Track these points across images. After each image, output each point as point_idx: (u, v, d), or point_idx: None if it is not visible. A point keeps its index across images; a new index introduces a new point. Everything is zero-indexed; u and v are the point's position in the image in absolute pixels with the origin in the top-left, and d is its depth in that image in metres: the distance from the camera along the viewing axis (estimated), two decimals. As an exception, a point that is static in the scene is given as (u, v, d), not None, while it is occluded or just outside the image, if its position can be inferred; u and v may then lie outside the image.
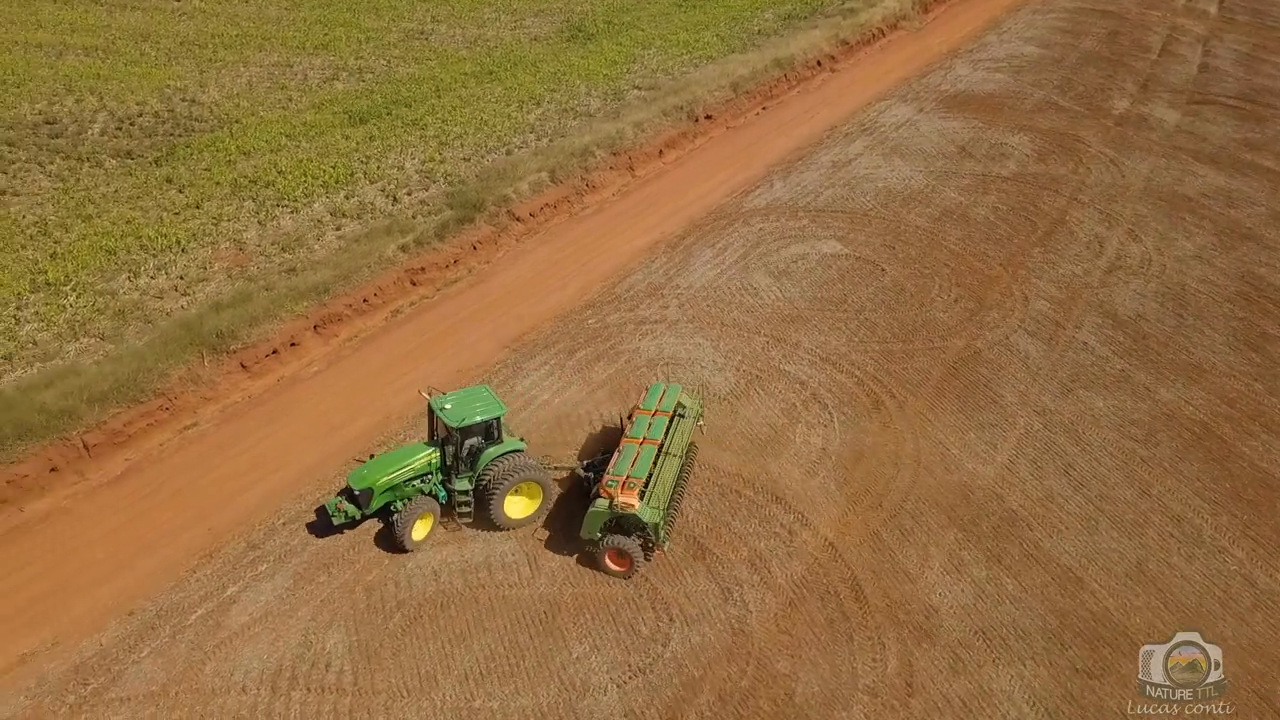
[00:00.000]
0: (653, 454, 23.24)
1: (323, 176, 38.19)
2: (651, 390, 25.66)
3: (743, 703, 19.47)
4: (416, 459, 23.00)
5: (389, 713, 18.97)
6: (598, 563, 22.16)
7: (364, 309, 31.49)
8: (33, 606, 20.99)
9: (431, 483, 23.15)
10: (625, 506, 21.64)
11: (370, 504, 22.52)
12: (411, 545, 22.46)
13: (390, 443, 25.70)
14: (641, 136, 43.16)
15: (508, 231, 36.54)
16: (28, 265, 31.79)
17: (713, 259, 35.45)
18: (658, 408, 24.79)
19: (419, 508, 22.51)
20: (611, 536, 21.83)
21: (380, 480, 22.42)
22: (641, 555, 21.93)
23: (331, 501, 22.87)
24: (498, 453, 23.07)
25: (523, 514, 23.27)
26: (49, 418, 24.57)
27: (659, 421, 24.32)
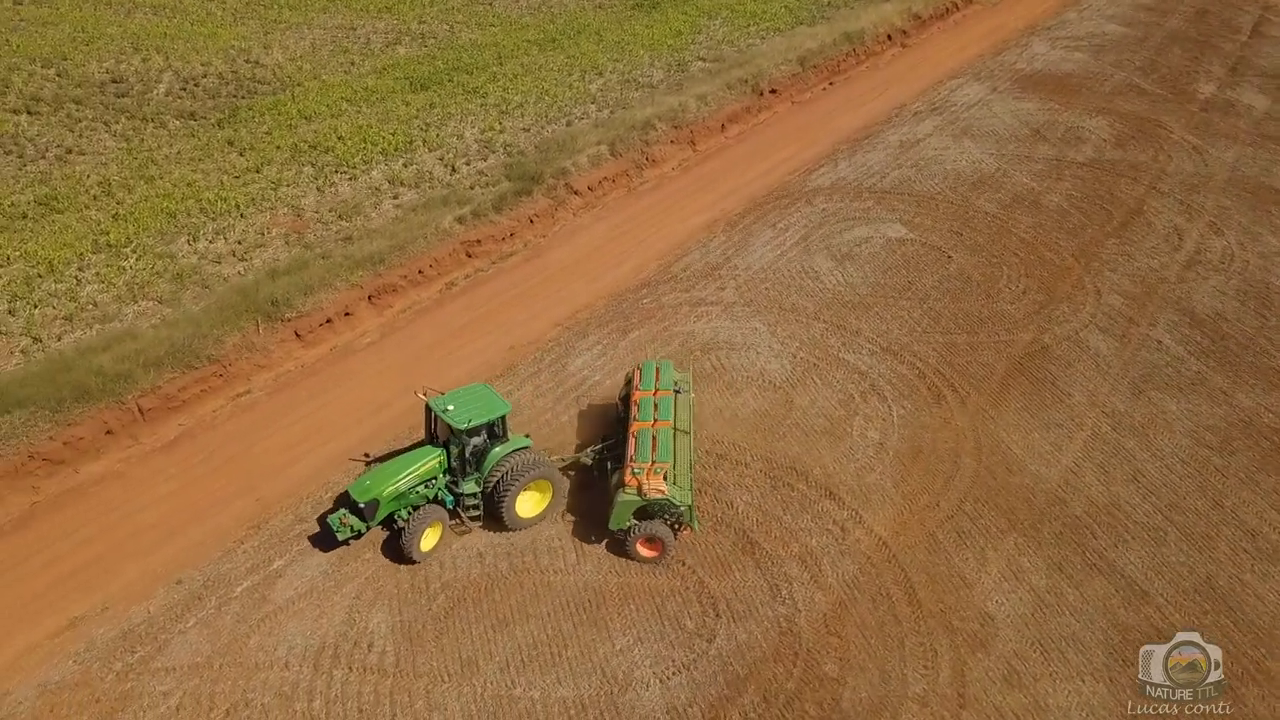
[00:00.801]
0: (671, 436, 22.83)
1: (382, 143, 37.96)
2: (644, 370, 24.91)
3: (788, 705, 19.01)
4: (422, 464, 21.92)
5: (429, 697, 18.84)
6: (628, 552, 21.75)
7: (419, 280, 31.28)
8: (85, 570, 21.22)
9: (437, 487, 22.19)
10: (656, 492, 21.27)
11: (375, 516, 21.43)
12: (419, 557, 21.41)
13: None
14: (704, 110, 42.25)
15: (565, 205, 36.04)
16: (91, 225, 32.08)
17: (773, 240, 34.61)
18: (657, 387, 24.22)
19: (427, 516, 21.43)
20: (641, 524, 21.46)
21: (386, 490, 21.34)
22: (672, 537, 21.60)
23: (334, 516, 21.49)
24: (505, 451, 22.21)
25: (534, 512, 22.47)
26: (105, 381, 24.76)
27: (664, 401, 23.78)
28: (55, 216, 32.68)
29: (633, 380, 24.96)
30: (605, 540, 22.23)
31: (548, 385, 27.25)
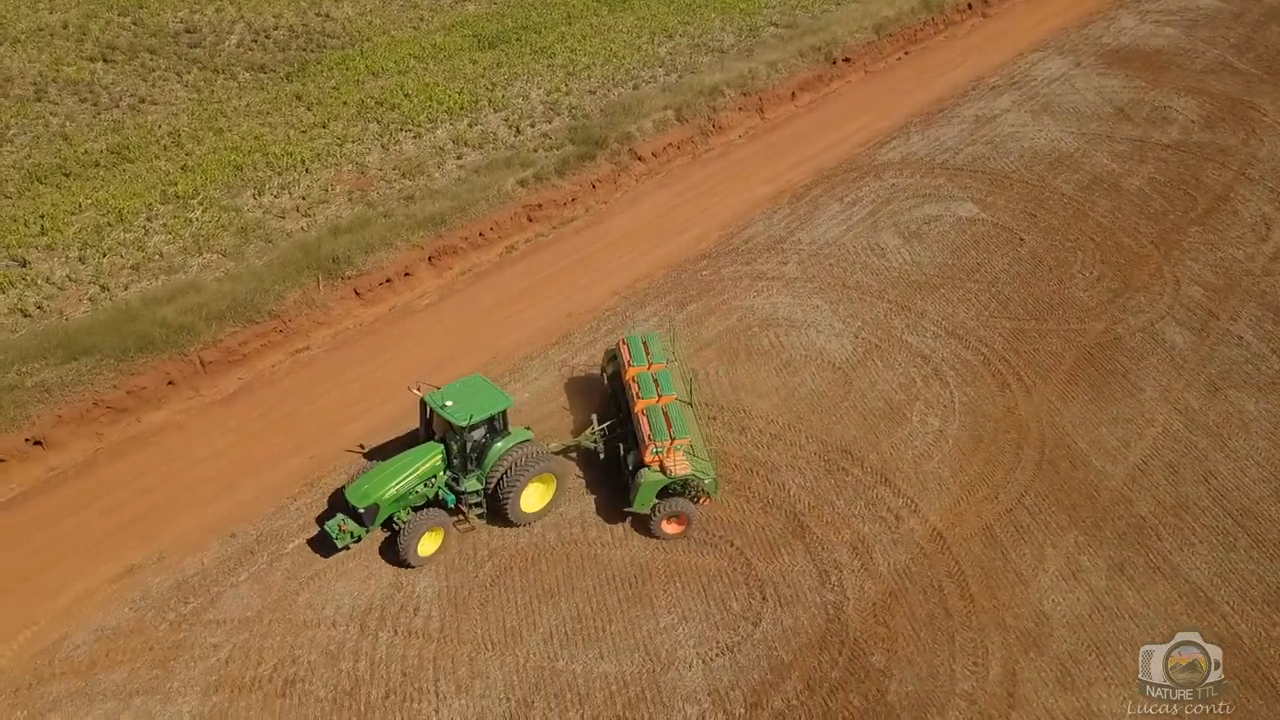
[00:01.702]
0: (681, 410, 22.40)
1: (448, 102, 37.76)
2: (631, 344, 24.11)
3: (831, 694, 18.74)
4: (423, 462, 20.96)
5: (472, 664, 18.93)
6: (651, 531, 21.41)
7: (479, 243, 31.17)
8: (143, 518, 21.65)
9: (437, 485, 21.29)
10: (681, 469, 21.02)
11: (375, 520, 20.62)
12: (417, 562, 20.53)
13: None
14: (775, 77, 41.27)
15: (628, 171, 35.57)
16: (160, 176, 32.47)
17: (839, 214, 33.79)
18: (650, 361, 23.60)
19: (426, 520, 20.48)
20: (664, 502, 21.11)
21: (386, 494, 20.42)
22: (695, 510, 21.36)
23: (332, 523, 20.58)
24: (507, 446, 21.37)
25: (540, 506, 21.74)
26: (169, 332, 25.12)
27: (663, 375, 23.30)
28: (126, 165, 33.14)
29: (619, 357, 24.14)
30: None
31: (601, 355, 26.95)
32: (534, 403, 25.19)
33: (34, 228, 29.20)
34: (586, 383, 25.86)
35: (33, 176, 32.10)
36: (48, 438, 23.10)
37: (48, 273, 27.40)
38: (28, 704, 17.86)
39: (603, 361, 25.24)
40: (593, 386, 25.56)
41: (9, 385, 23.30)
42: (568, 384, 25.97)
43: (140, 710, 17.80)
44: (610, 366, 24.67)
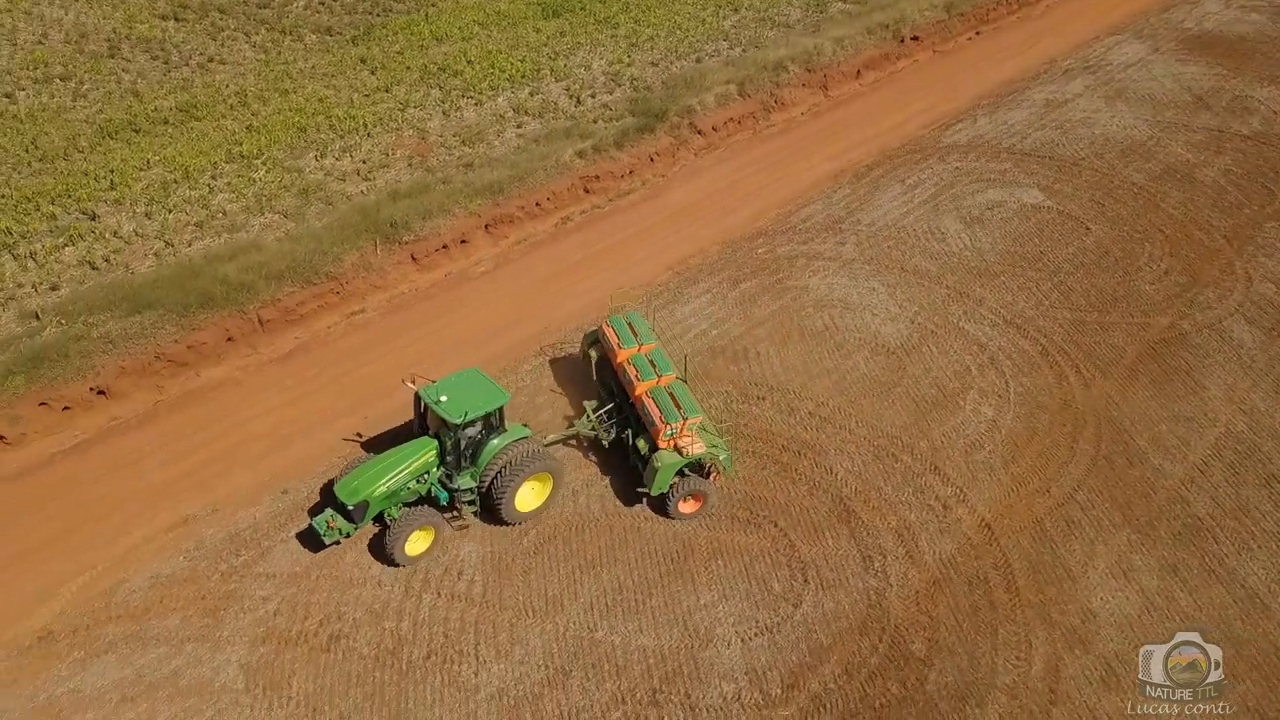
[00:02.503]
0: (684, 388, 22.11)
1: (510, 70, 37.73)
2: (616, 326, 23.44)
3: (870, 680, 18.65)
4: (416, 458, 20.29)
5: (513, 630, 19.16)
6: (669, 513, 21.25)
7: (535, 213, 31.20)
8: (199, 471, 22.16)
9: (430, 481, 20.63)
10: (696, 448, 20.94)
11: (365, 517, 20.06)
12: (404, 560, 19.98)
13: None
14: (840, 54, 40.55)
15: (687, 145, 35.29)
16: (226, 135, 32.94)
17: (900, 196, 33.22)
18: (640, 341, 23.10)
19: (415, 519, 19.87)
20: (680, 482, 20.97)
21: (376, 491, 19.78)
22: (712, 488, 21.28)
23: (320, 518, 20.03)
24: (503, 443, 20.69)
25: (534, 505, 21.15)
26: (229, 289, 25.56)
27: (656, 354, 22.97)
28: (194, 124, 33.67)
29: (605, 340, 23.42)
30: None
31: (655, 330, 26.93)
32: (582, 375, 25.12)
33: (104, 182, 29.84)
34: (569, 364, 25.61)
35: (104, 132, 32.78)
36: (111, 388, 23.71)
37: (115, 227, 28.01)
38: (85, 644, 18.45)
39: (583, 346, 24.49)
40: (576, 369, 25.19)
41: (76, 335, 23.92)
42: (552, 363, 25.64)
43: (190, 656, 18.31)
44: (595, 350, 23.86)
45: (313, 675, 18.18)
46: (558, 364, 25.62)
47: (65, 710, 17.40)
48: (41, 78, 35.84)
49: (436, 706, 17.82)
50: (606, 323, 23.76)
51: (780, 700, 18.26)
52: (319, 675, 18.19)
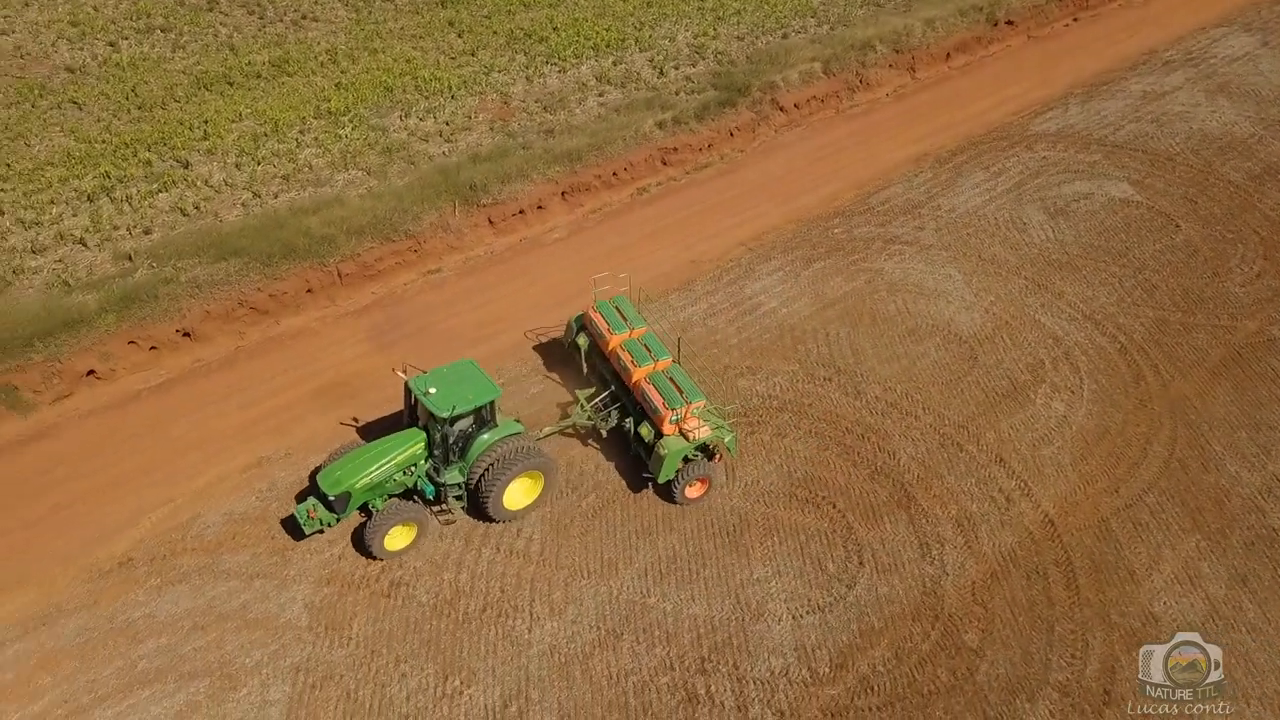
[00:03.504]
0: (682, 372, 21.73)
1: (595, 38, 37.78)
2: (603, 311, 22.87)
3: (919, 666, 18.61)
4: (402, 450, 19.77)
5: (567, 589, 19.52)
6: (675, 499, 21.00)
7: (612, 182, 31.33)
8: (275, 415, 22.90)
9: (417, 474, 20.15)
10: (702, 433, 20.68)
11: (348, 508, 19.59)
12: (382, 554, 19.51)
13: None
14: (930, 36, 39.73)
15: (768, 121, 35.02)
16: (315, 91, 33.65)
17: (983, 183, 32.56)
18: (630, 326, 22.58)
19: (397, 514, 19.38)
20: (685, 467, 20.69)
21: (359, 482, 19.30)
22: (715, 469, 21.15)
23: (302, 507, 19.58)
24: (494, 439, 20.07)
25: (525, 504, 20.60)
26: (312, 242, 26.24)
27: (648, 337, 22.48)
28: (285, 79, 34.45)
29: (592, 326, 22.89)
30: (770, 471, 22.01)
31: (722, 305, 26.95)
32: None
33: (198, 132, 30.76)
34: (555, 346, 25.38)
35: (200, 83, 33.74)
36: (196, 331, 24.60)
37: (207, 175, 28.89)
38: (161, 573, 19.31)
39: (568, 333, 23.90)
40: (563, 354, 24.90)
41: (165, 278, 24.82)
42: (538, 348, 25.41)
43: (258, 591, 19.05)
44: (581, 337, 23.30)
45: (373, 619, 18.78)
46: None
47: (140, 633, 18.27)
48: (143, 28, 36.96)
49: (489, 658, 18.28)
50: (593, 308, 23.10)
51: (828, 679, 18.33)
52: (379, 619, 18.79)
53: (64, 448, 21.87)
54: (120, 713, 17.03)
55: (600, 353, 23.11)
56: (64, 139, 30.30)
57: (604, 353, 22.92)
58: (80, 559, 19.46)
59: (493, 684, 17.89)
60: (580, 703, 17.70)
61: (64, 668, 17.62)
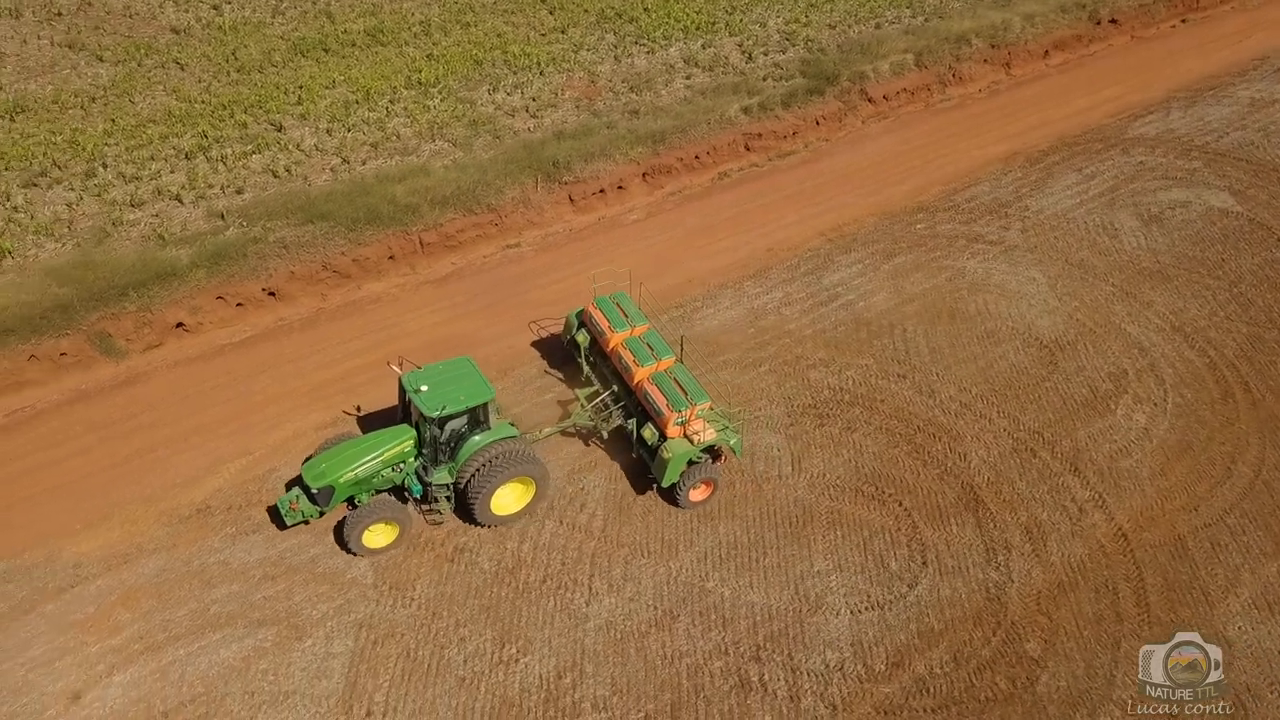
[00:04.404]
0: (687, 373, 21.07)
1: (685, 21, 37.62)
2: (603, 307, 22.24)
3: (978, 671, 18.33)
4: (390, 446, 19.28)
5: (626, 567, 19.65)
6: (679, 503, 20.47)
7: (694, 165, 31.25)
8: (352, 375, 23.40)
9: (406, 471, 19.71)
10: (707, 436, 20.09)
11: (331, 502, 19.20)
12: (361, 551, 19.14)
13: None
14: (1029, 31, 38.71)
15: (855, 111, 34.54)
16: (407, 61, 34.15)
17: (1075, 186, 31.68)
18: (631, 324, 21.91)
19: (380, 511, 18.96)
20: (690, 470, 20.11)
21: (343, 476, 18.91)
22: (719, 472, 20.62)
23: (285, 497, 19.30)
24: (485, 441, 19.44)
25: (512, 510, 19.98)
26: (396, 210, 26.71)
27: (650, 335, 21.79)
28: (379, 48, 35.02)
29: (593, 323, 22.24)
30: (838, 465, 21.83)
31: (798, 295, 26.73)
32: (719, 331, 25.33)
33: (292, 97, 31.48)
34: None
35: (297, 49, 34.50)
36: (280, 290, 25.26)
37: (299, 140, 29.56)
38: (237, 522, 19.94)
39: (567, 329, 23.18)
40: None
41: (254, 238, 25.51)
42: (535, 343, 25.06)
43: (328, 546, 19.55)
44: (580, 334, 22.61)
45: (436, 582, 19.16)
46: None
47: (214, 578, 18.92)
48: (246, -7, 37.93)
49: (546, 628, 18.52)
50: (593, 304, 22.44)
51: (883, 676, 18.16)
52: (441, 582, 19.15)
53: (151, 395, 22.70)
54: (192, 652, 17.67)
55: (601, 351, 22.46)
56: (166, 98, 31.29)
57: (605, 351, 22.26)
58: (161, 502, 20.20)
59: (548, 654, 18.12)
60: (633, 680, 17.83)
61: (142, 605, 18.34)
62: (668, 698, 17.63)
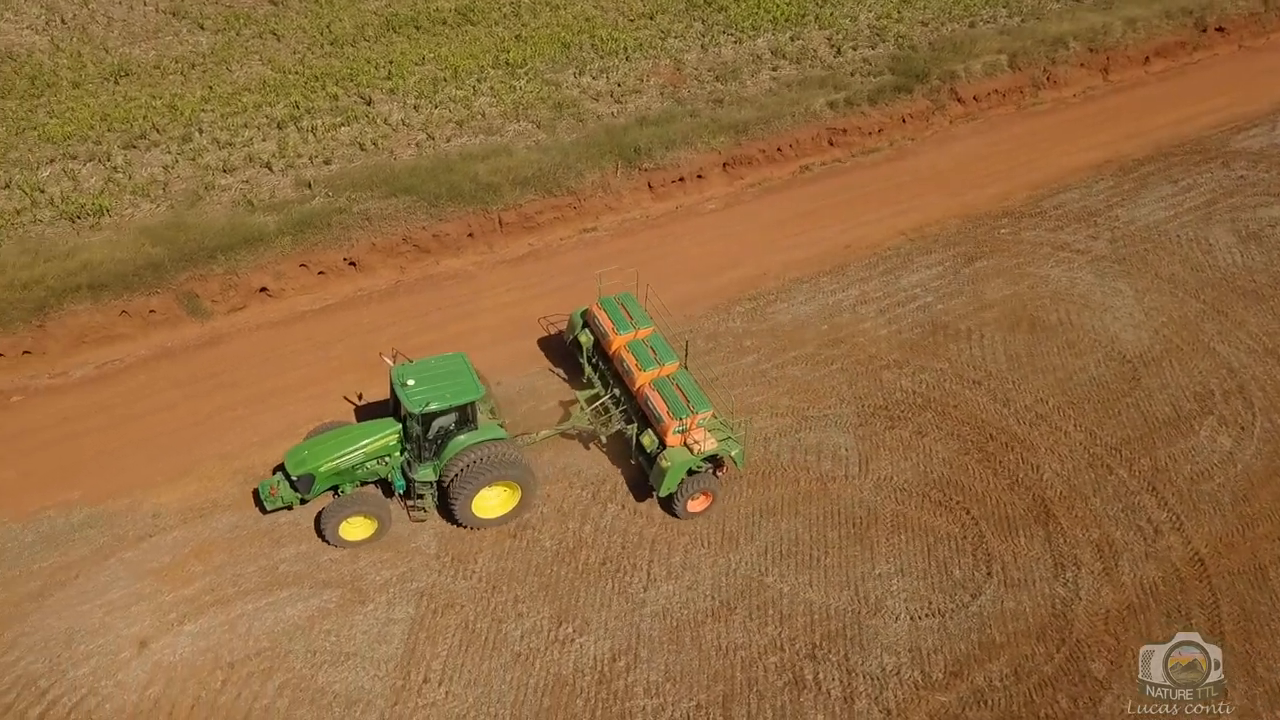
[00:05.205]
0: (690, 379, 20.39)
1: (774, 11, 37.25)
2: (607, 308, 21.73)
3: (1039, 688, 17.95)
4: (374, 439, 19.08)
5: (686, 556, 19.66)
6: (677, 513, 20.00)
7: (775, 158, 30.99)
8: (426, 350, 22.95)
9: (391, 465, 19.53)
10: (707, 446, 19.50)
11: (311, 491, 19.04)
12: (337, 542, 18.96)
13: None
14: (1130, 37, 37.51)
15: (943, 111, 33.89)
16: (496, 42, 34.45)
17: (1170, 197, 30.66)
18: (635, 327, 21.31)
19: (358, 504, 18.80)
20: (689, 480, 19.60)
21: (323, 465, 18.72)
22: (718, 484, 20.11)
23: (267, 481, 19.33)
24: (471, 441, 19.02)
25: (496, 514, 19.57)
26: (477, 188, 26.99)
27: (655, 340, 21.14)
28: (468, 28, 35.38)
29: (595, 324, 21.73)
30: (907, 469, 21.54)
31: (874, 294, 26.37)
32: (791, 326, 25.12)
33: (382, 72, 31.99)
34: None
35: (390, 25, 35.03)
36: (361, 261, 25.74)
37: (386, 114, 30.02)
38: (308, 484, 20.40)
39: (570, 328, 22.65)
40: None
41: (339, 208, 26.01)
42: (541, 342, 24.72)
43: (394, 514, 19.79)
44: (583, 334, 22.10)
45: (497, 556, 19.39)
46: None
47: (284, 538, 19.42)
48: (343, -32, 38.57)
49: (603, 610, 18.63)
50: (597, 305, 21.96)
51: (940, 685, 17.90)
52: (503, 557, 19.38)
53: (233, 355, 23.36)
54: (259, 608, 18.17)
55: (604, 352, 22.01)
56: (262, 68, 32.06)
57: (607, 353, 21.80)
58: (238, 460, 20.77)
59: (604, 636, 18.23)
60: (687, 668, 17.85)
61: (214, 559, 18.91)
62: (720, 689, 17.61)
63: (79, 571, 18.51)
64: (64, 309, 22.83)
